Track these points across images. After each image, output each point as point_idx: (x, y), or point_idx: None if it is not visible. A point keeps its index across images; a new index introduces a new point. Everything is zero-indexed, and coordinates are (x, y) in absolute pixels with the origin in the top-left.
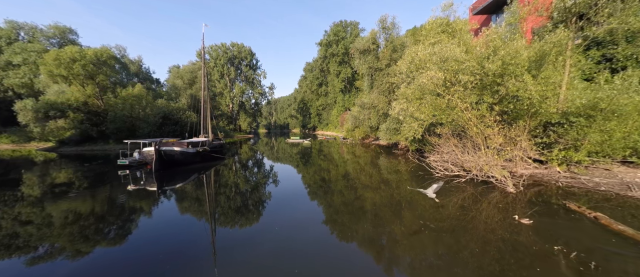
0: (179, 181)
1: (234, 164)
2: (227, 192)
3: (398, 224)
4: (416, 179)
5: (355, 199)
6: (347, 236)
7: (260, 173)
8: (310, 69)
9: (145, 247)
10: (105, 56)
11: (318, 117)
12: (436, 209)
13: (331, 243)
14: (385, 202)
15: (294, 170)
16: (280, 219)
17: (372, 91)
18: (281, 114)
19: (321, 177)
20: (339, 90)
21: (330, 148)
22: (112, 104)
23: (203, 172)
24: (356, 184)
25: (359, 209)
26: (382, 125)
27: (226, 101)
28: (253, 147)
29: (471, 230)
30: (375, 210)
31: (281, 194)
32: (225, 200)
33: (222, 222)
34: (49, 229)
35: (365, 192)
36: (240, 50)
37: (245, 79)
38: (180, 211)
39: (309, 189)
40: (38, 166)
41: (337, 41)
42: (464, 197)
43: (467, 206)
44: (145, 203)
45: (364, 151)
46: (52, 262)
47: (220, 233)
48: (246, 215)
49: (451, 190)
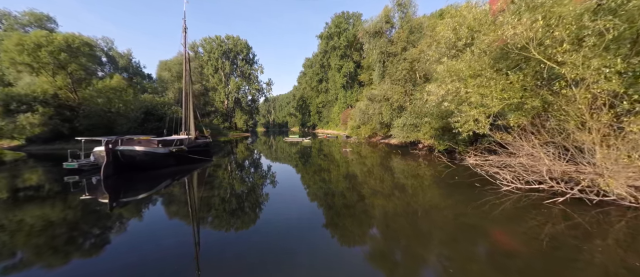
0: (141, 191)
1: (223, 166)
2: (204, 209)
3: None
4: (453, 189)
5: (383, 222)
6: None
7: (252, 179)
8: (309, 64)
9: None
10: (78, 43)
11: (318, 115)
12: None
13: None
14: (438, 226)
15: (292, 173)
16: (275, 246)
17: (384, 81)
18: (280, 112)
19: (327, 187)
20: (341, 87)
21: (332, 147)
22: (87, 97)
23: (178, 177)
24: (384, 203)
25: (391, 236)
26: (396, 121)
27: (221, 97)
28: (250, 146)
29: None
30: (412, 234)
31: (276, 211)
32: (201, 221)
33: (188, 262)
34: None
35: (400, 217)
36: (235, 43)
37: (242, 74)
38: (128, 242)
39: (312, 198)
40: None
41: (339, 33)
42: (554, 222)
43: (572, 237)
44: (87, 224)
45: (372, 150)
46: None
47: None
48: (229, 240)
49: (526, 209)
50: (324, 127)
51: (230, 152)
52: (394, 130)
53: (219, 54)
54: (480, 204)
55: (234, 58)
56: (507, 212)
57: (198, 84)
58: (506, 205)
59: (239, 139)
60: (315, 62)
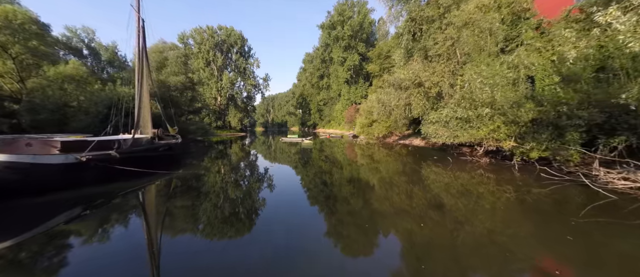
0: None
1: (194, 181)
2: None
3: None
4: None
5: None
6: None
7: (224, 209)
8: (310, 59)
9: None
10: (21, 18)
11: (319, 114)
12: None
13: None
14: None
15: (292, 189)
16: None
17: (412, 60)
18: (279, 112)
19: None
20: (344, 82)
21: (336, 149)
22: (36, 88)
23: (93, 206)
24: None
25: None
26: (432, 115)
27: (212, 93)
28: (245, 147)
29: None
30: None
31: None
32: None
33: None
34: None
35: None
36: (229, 35)
37: (236, 68)
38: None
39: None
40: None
41: (342, 22)
42: None
43: None
44: None
45: (395, 154)
46: None
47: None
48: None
49: None
50: (326, 126)
51: (218, 156)
52: (429, 128)
53: (211, 46)
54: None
55: (228, 51)
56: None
57: (181, 76)
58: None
59: (234, 139)
60: (316, 57)
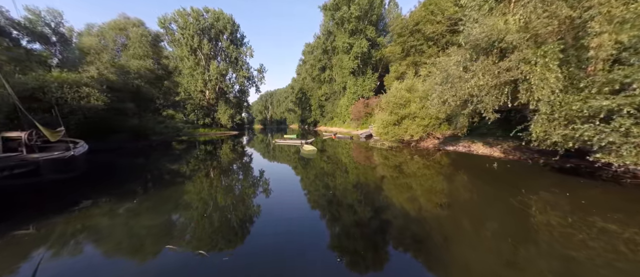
0: None
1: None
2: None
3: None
4: None
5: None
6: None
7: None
8: (310, 50)
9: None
10: None
11: (320, 110)
12: None
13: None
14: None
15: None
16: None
17: (489, 16)
18: (278, 108)
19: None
20: (350, 73)
21: (360, 164)
22: None
23: None
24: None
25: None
26: (574, 98)
27: (198, 86)
28: (238, 147)
29: None
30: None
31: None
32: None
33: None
34: None
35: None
36: (217, 19)
37: (226, 57)
38: None
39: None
40: None
41: (348, 1)
42: None
43: None
44: None
45: (490, 178)
46: None
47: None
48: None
49: None
50: (328, 123)
51: (169, 175)
52: (538, 127)
53: (195, 31)
54: None
55: (216, 37)
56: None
57: (149, 60)
58: None
59: (224, 138)
60: (317, 47)
